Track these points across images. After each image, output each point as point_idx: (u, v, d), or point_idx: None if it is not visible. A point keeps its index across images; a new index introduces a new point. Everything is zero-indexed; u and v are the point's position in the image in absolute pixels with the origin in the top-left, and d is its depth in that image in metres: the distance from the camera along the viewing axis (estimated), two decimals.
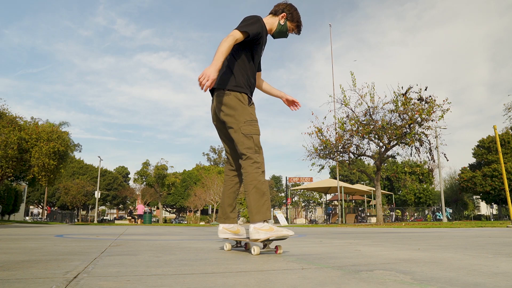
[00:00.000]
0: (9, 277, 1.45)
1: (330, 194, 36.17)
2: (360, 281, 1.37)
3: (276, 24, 2.66)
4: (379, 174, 16.65)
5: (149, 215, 27.33)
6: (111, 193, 52.28)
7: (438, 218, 29.50)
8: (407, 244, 3.45)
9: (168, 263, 1.94)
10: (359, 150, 16.86)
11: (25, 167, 19.00)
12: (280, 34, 2.69)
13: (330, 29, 27.82)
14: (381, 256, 2.26)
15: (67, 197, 43.33)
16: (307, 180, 29.85)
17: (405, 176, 40.34)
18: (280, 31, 2.67)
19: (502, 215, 36.48)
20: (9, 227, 11.44)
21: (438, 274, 1.52)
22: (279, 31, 2.67)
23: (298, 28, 2.70)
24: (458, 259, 2.10)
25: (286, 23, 2.65)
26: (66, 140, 20.02)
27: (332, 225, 18.59)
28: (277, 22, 2.66)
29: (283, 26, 2.65)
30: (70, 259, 2.13)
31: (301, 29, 2.72)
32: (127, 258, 2.17)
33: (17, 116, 19.20)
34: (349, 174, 52.72)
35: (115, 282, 1.35)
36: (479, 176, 32.58)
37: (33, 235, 5.48)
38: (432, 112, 14.69)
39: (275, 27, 2.67)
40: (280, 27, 2.65)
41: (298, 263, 1.92)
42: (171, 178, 38.94)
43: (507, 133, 34.10)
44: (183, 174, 51.87)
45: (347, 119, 16.33)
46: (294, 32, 2.72)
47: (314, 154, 17.10)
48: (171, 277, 1.47)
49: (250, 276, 1.48)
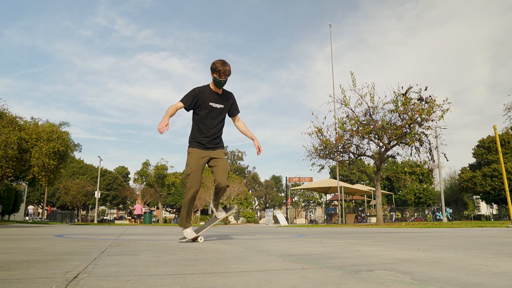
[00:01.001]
0: (9, 277, 1.45)
1: (330, 194, 36.16)
2: (360, 281, 1.37)
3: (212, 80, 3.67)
4: (379, 174, 16.65)
5: (149, 215, 27.34)
6: (111, 193, 52.27)
7: (438, 218, 29.50)
8: (407, 244, 3.45)
9: (168, 263, 1.94)
10: (359, 150, 16.85)
11: (25, 167, 18.99)
12: (217, 84, 3.63)
13: (330, 29, 27.83)
14: (381, 256, 2.26)
15: (67, 197, 43.31)
16: (307, 180, 29.85)
17: (405, 176, 40.33)
18: (215, 83, 3.63)
19: (502, 215, 36.47)
20: (9, 227, 11.43)
21: (438, 274, 1.52)
22: (215, 83, 3.63)
23: (218, 72, 3.54)
24: (458, 259, 2.10)
25: (214, 76, 3.59)
26: (66, 140, 20.01)
27: (332, 225, 18.59)
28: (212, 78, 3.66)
29: (215, 79, 3.60)
30: (70, 259, 2.13)
31: (222, 71, 3.54)
32: (127, 258, 2.17)
33: (17, 116, 19.19)
34: (349, 174, 52.71)
35: (115, 282, 1.35)
36: (479, 176, 32.57)
37: (33, 235, 5.48)
38: (432, 112, 14.67)
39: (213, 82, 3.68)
40: (214, 80, 3.62)
41: (298, 263, 1.92)
42: (171, 178, 38.93)
43: (507, 133, 34.09)
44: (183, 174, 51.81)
45: (347, 119, 16.32)
46: (221, 77, 3.57)
47: (314, 154, 17.09)
48: (171, 277, 1.47)
49: (250, 276, 1.48)
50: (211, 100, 3.64)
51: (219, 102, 3.66)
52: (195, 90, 3.65)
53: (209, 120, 3.65)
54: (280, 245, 3.37)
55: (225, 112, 3.74)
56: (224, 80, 3.57)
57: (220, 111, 3.68)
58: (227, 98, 3.73)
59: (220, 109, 3.68)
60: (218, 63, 3.54)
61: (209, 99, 3.64)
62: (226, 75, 3.55)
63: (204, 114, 3.63)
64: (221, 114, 3.70)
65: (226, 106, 3.72)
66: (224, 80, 3.57)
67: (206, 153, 3.62)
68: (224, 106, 3.70)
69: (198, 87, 3.70)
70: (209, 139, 3.65)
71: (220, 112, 3.69)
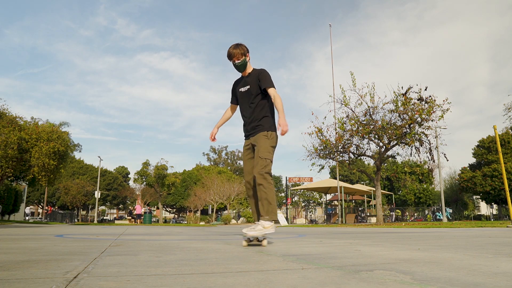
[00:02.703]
0: (9, 277, 1.45)
1: (330, 194, 36.16)
2: (360, 281, 1.37)
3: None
4: (379, 174, 16.64)
5: (149, 215, 27.33)
6: (111, 193, 52.27)
7: (438, 218, 29.50)
8: (407, 244, 3.45)
9: (168, 263, 1.94)
10: (359, 150, 16.85)
11: (25, 167, 18.98)
12: (235, 69, 3.50)
13: (330, 29, 27.85)
14: (381, 256, 2.26)
15: (67, 197, 43.32)
16: (307, 180, 29.85)
17: (405, 176, 40.32)
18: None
19: (502, 215, 36.47)
20: (9, 227, 11.43)
21: (438, 274, 1.52)
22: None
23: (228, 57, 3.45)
24: (458, 259, 2.10)
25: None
26: (66, 140, 20.00)
27: (332, 225, 18.59)
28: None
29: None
30: (70, 259, 2.13)
31: (227, 55, 3.43)
32: (127, 258, 2.17)
33: (17, 116, 19.19)
34: (349, 174, 52.71)
35: (115, 282, 1.35)
36: (479, 176, 32.57)
37: (33, 235, 5.48)
38: (432, 112, 14.67)
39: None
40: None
41: (298, 263, 1.92)
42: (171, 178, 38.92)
43: (507, 133, 34.09)
44: (183, 174, 51.85)
45: (347, 119, 16.32)
46: (232, 61, 3.45)
47: (314, 154, 17.09)
48: (171, 277, 1.47)
49: (250, 276, 1.48)
50: (240, 86, 3.50)
51: (245, 84, 3.45)
52: (233, 83, 3.64)
53: (242, 107, 3.49)
54: (280, 245, 3.37)
55: (254, 93, 3.37)
56: (236, 63, 3.40)
57: (247, 93, 3.41)
58: (253, 77, 3.42)
59: (246, 92, 3.42)
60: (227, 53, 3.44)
61: (238, 86, 3.53)
62: (231, 58, 3.40)
63: (240, 102, 3.52)
64: (249, 96, 3.40)
65: (253, 85, 3.39)
66: (235, 63, 3.40)
67: (248, 142, 3.43)
68: (250, 86, 3.40)
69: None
70: (246, 127, 3.45)
71: (247, 95, 3.41)
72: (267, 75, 3.38)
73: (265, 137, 3.22)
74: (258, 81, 3.36)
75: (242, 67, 3.43)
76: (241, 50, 3.38)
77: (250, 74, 3.46)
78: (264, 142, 3.21)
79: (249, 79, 3.44)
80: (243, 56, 3.39)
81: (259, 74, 3.39)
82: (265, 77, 3.35)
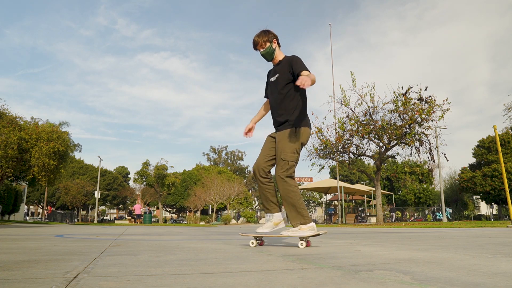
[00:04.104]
0: (9, 277, 1.45)
1: (330, 194, 36.15)
2: (360, 281, 1.37)
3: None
4: (379, 174, 16.65)
5: (149, 215, 27.31)
6: (111, 193, 52.26)
7: (438, 218, 29.49)
8: (407, 244, 3.45)
9: (168, 263, 1.93)
10: (359, 150, 16.86)
11: (25, 167, 18.99)
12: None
13: (330, 29, 27.88)
14: (381, 256, 2.26)
15: (67, 197, 43.32)
16: (307, 180, 29.85)
17: (405, 176, 40.32)
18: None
19: (502, 215, 36.47)
20: (9, 227, 11.43)
21: (438, 274, 1.52)
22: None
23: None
24: (458, 259, 2.10)
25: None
26: (66, 140, 20.00)
27: (332, 225, 18.59)
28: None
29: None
30: (70, 259, 2.13)
31: (253, 46, 3.20)
32: (127, 258, 2.17)
33: (17, 116, 19.20)
34: (349, 174, 52.71)
35: (115, 282, 1.35)
36: (479, 176, 32.56)
37: (33, 235, 5.48)
38: (432, 112, 14.68)
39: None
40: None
41: (298, 263, 1.92)
42: (171, 178, 38.92)
43: (507, 133, 34.09)
44: (183, 174, 51.85)
45: (347, 119, 16.33)
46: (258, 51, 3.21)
47: (314, 154, 17.10)
48: (171, 277, 1.47)
49: (250, 276, 1.48)
50: (270, 76, 3.23)
51: (275, 74, 3.15)
52: (267, 74, 3.38)
53: (271, 98, 3.18)
54: (280, 245, 3.37)
55: (283, 82, 3.06)
56: (261, 52, 3.14)
57: (276, 83, 3.12)
58: (283, 65, 3.11)
59: (275, 81, 3.13)
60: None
61: (269, 76, 3.26)
62: (255, 47, 3.16)
63: (269, 93, 3.23)
64: (278, 85, 3.10)
65: (282, 74, 3.08)
66: (261, 52, 3.14)
67: (274, 135, 3.16)
68: (279, 75, 3.10)
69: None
70: (274, 119, 3.15)
71: (276, 84, 3.12)
72: (299, 60, 3.06)
73: (292, 136, 2.96)
74: (290, 68, 3.04)
75: (268, 56, 3.15)
76: (266, 36, 3.11)
77: (281, 62, 3.15)
78: (289, 142, 2.95)
79: (279, 67, 3.15)
80: (268, 43, 3.12)
81: (291, 60, 3.07)
82: (297, 62, 3.03)
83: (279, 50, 3.18)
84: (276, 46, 3.15)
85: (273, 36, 3.14)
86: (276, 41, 3.15)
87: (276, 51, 3.16)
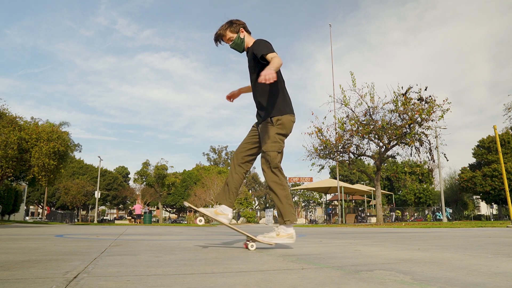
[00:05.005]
0: (9, 277, 1.45)
1: (330, 194, 36.14)
2: (360, 281, 1.37)
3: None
4: (379, 174, 16.65)
5: (149, 215, 27.32)
6: (111, 193, 52.25)
7: (438, 218, 29.48)
8: (407, 244, 3.45)
9: (168, 263, 1.93)
10: (359, 150, 16.86)
11: (25, 167, 18.99)
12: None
13: (330, 29, 27.87)
14: (381, 256, 2.26)
15: (67, 197, 43.31)
16: (307, 180, 29.85)
17: (405, 176, 40.32)
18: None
19: (502, 215, 36.46)
20: (9, 227, 11.44)
21: (438, 274, 1.52)
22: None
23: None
24: (458, 259, 2.10)
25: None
26: (66, 140, 20.01)
27: (332, 225, 18.59)
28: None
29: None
30: (70, 259, 2.13)
31: (217, 40, 2.93)
32: (127, 258, 2.17)
33: (17, 116, 19.20)
34: (349, 174, 52.70)
35: (115, 282, 1.35)
36: (479, 176, 32.56)
37: (33, 235, 5.47)
38: (432, 112, 14.68)
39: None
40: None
41: (298, 263, 1.92)
42: (171, 178, 38.93)
43: (507, 133, 34.09)
44: (183, 174, 51.86)
45: (347, 119, 16.33)
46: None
47: (314, 154, 17.10)
48: (171, 277, 1.47)
49: (250, 276, 1.48)
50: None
51: (248, 61, 2.94)
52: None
53: (253, 90, 2.95)
54: (279, 245, 3.37)
55: (253, 70, 2.85)
56: (230, 46, 2.91)
57: (250, 71, 2.91)
58: (250, 53, 2.86)
59: (249, 69, 2.92)
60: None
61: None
62: (219, 40, 2.92)
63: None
64: (250, 75, 2.90)
65: (250, 62, 2.87)
66: (230, 45, 2.91)
67: (257, 130, 2.96)
68: (249, 64, 2.91)
69: None
70: (256, 111, 2.94)
71: (251, 73, 2.89)
72: (261, 42, 2.75)
73: (269, 125, 2.74)
74: (253, 55, 2.77)
75: (238, 47, 2.89)
76: (231, 27, 2.85)
77: (248, 50, 2.89)
78: (268, 132, 2.75)
79: (248, 55, 2.90)
80: (235, 34, 2.85)
81: (253, 47, 2.79)
82: (259, 45, 2.73)
83: (249, 37, 2.91)
84: (244, 35, 2.88)
85: (239, 25, 2.86)
86: (244, 30, 2.88)
87: (246, 40, 2.89)
